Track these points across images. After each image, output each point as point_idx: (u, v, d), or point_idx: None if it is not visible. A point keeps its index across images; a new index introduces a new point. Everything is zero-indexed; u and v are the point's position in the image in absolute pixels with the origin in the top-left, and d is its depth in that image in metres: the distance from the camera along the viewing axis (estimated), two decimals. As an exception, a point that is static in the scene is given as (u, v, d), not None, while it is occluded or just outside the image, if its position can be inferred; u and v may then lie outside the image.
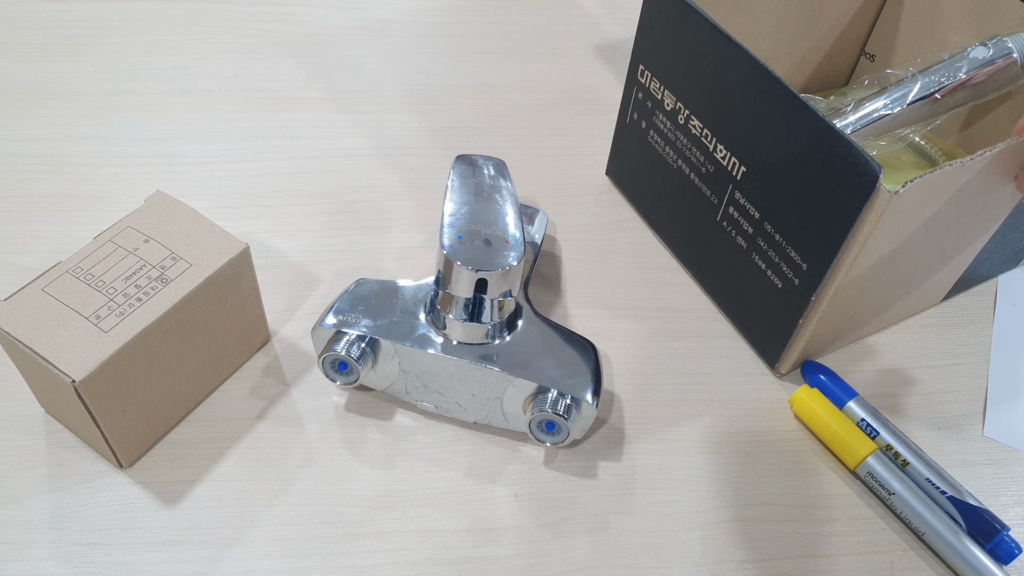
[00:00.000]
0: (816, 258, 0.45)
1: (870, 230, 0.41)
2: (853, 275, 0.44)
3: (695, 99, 0.50)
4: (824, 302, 0.46)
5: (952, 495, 0.45)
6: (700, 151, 0.51)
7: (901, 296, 0.51)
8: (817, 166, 0.42)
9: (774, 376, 0.52)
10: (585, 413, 0.44)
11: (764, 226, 0.47)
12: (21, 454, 0.44)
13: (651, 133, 0.55)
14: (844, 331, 0.51)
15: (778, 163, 0.45)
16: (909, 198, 0.40)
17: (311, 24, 0.74)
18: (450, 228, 0.43)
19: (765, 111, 0.45)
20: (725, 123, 0.48)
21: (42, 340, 0.39)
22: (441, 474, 0.46)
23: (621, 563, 0.43)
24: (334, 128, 0.65)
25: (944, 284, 0.54)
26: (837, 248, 0.43)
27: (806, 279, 0.46)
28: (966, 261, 0.52)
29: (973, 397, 0.52)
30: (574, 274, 0.56)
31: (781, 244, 0.47)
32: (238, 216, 0.57)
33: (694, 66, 0.49)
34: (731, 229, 0.50)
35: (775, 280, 0.48)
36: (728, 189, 0.49)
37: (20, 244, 0.54)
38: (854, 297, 0.47)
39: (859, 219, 0.41)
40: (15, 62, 0.67)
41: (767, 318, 0.50)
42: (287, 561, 0.42)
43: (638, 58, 0.54)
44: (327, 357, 0.45)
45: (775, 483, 0.47)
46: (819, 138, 0.42)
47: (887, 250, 0.44)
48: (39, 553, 0.41)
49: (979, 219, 0.48)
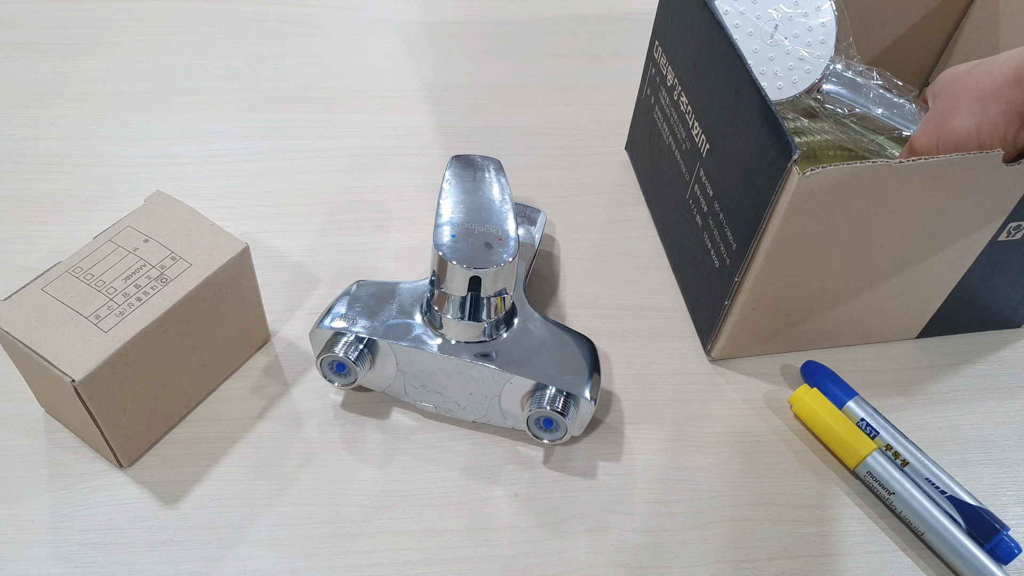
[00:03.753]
0: (743, 238, 0.45)
1: (783, 211, 0.41)
2: (773, 261, 0.44)
3: (686, 75, 0.51)
4: (747, 285, 0.45)
5: (952, 495, 0.45)
6: (683, 127, 0.51)
7: (849, 309, 0.49)
8: (754, 144, 0.43)
9: (707, 360, 0.52)
10: (583, 410, 0.44)
11: (714, 204, 0.48)
12: (21, 454, 0.44)
13: (656, 109, 0.56)
14: (780, 330, 0.50)
15: (731, 141, 0.45)
16: (824, 184, 0.40)
17: (311, 24, 0.74)
18: (444, 227, 0.43)
19: (728, 88, 0.45)
20: (702, 99, 0.48)
21: (42, 340, 0.39)
22: (441, 474, 0.46)
23: (621, 563, 0.43)
24: (334, 128, 0.65)
25: (913, 316, 0.52)
26: (755, 227, 0.43)
27: (734, 259, 0.46)
28: (940, 293, 0.50)
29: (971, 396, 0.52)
30: (574, 274, 0.56)
31: (723, 223, 0.47)
32: (238, 216, 0.57)
33: (690, 43, 0.50)
34: (693, 206, 0.51)
35: (715, 259, 0.48)
36: (696, 166, 0.50)
37: (20, 244, 0.54)
38: (779, 288, 0.46)
39: (772, 199, 0.41)
40: (15, 62, 0.67)
41: (706, 299, 0.50)
42: (287, 561, 0.42)
43: (656, 34, 0.55)
44: (325, 359, 0.45)
45: (775, 483, 0.47)
46: (758, 115, 0.42)
47: (809, 241, 0.43)
48: (39, 553, 0.41)
49: (938, 239, 0.46)
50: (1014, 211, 0.45)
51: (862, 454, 0.46)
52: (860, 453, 0.46)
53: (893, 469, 0.46)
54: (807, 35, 0.50)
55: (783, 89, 0.52)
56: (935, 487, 0.45)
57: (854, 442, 0.46)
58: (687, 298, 0.54)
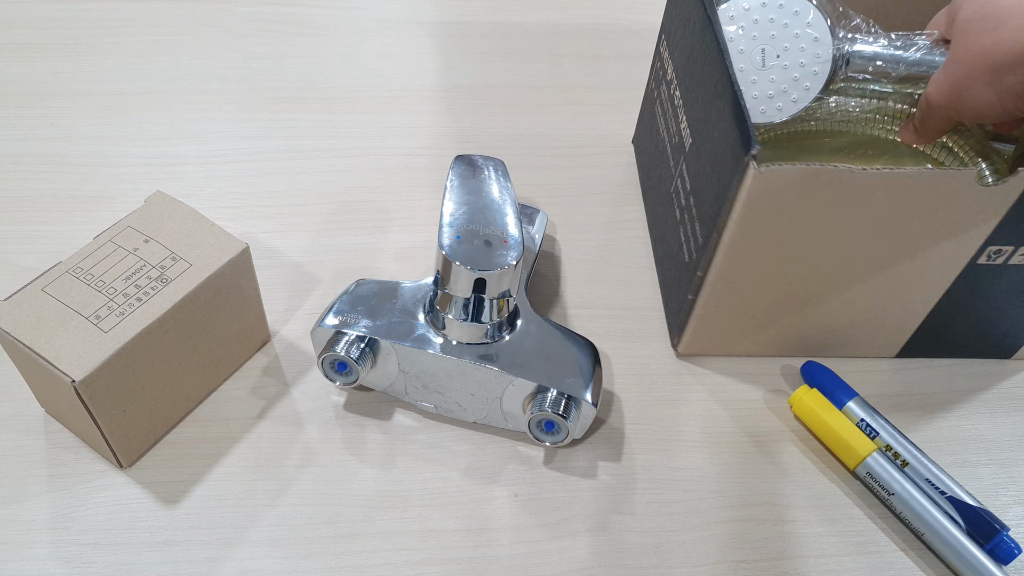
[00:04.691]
0: (706, 232, 0.45)
1: (740, 206, 0.41)
2: (733, 257, 0.44)
3: (681, 69, 0.51)
4: (709, 279, 0.46)
5: (952, 495, 0.45)
6: (674, 121, 0.52)
7: (821, 319, 0.49)
8: (724, 139, 0.43)
9: (674, 354, 0.52)
10: (584, 412, 0.44)
11: (690, 199, 0.48)
12: (21, 454, 0.44)
13: (657, 103, 0.57)
14: (748, 330, 0.50)
15: (707, 135, 0.45)
16: (781, 182, 0.40)
17: (311, 24, 0.74)
18: (449, 228, 0.43)
19: (709, 83, 0.45)
20: (691, 94, 0.49)
21: (42, 340, 0.39)
22: (441, 474, 0.46)
23: (621, 563, 0.43)
24: (334, 128, 0.65)
25: (891, 332, 0.51)
26: (715, 221, 0.43)
27: (698, 253, 0.46)
28: (918, 313, 0.49)
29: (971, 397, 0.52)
30: (574, 274, 0.56)
31: (694, 217, 0.47)
32: (238, 216, 0.57)
33: (687, 38, 0.50)
34: (675, 200, 0.51)
35: (685, 254, 0.48)
36: (680, 160, 0.50)
37: (20, 244, 0.54)
38: (742, 286, 0.46)
39: (731, 194, 0.41)
40: (15, 62, 0.67)
41: (676, 293, 0.51)
42: (287, 561, 0.42)
43: (663, 28, 0.56)
44: (327, 358, 0.45)
45: (775, 483, 0.47)
46: (730, 109, 0.42)
47: (770, 240, 0.43)
48: (39, 553, 0.41)
49: (911, 256, 0.45)
50: (993, 234, 0.44)
51: (862, 455, 0.46)
52: (860, 454, 0.46)
53: (893, 470, 0.46)
54: (799, 68, 0.50)
55: (783, 109, 0.51)
56: (935, 487, 0.45)
57: (854, 443, 0.46)
58: (663, 292, 0.54)
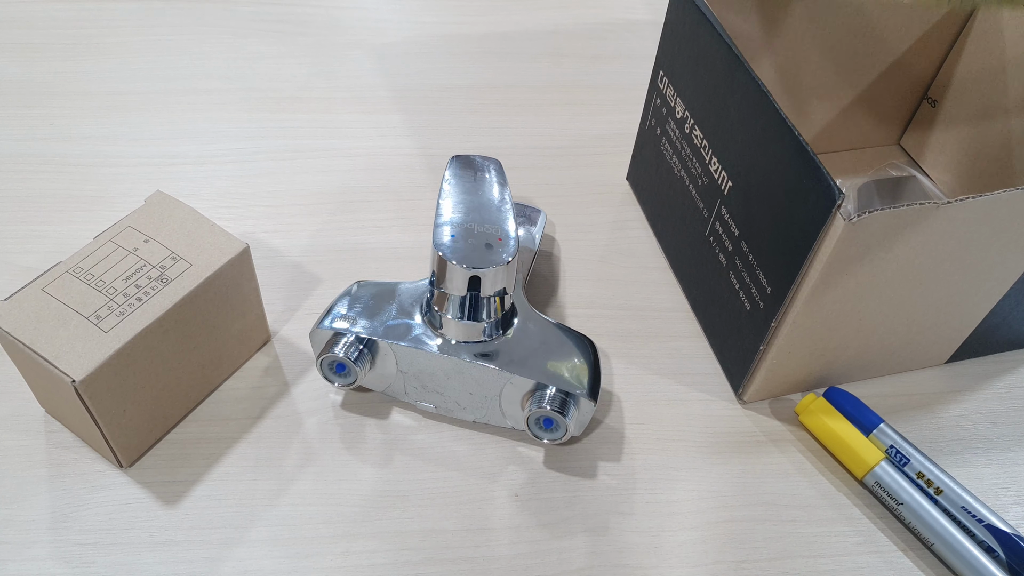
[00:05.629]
0: (779, 283, 0.43)
1: (825, 258, 0.40)
2: (813, 306, 0.43)
3: (700, 108, 0.50)
4: (784, 330, 0.44)
5: (989, 524, 0.44)
6: (699, 162, 0.50)
7: (882, 343, 0.49)
8: (788, 186, 0.42)
9: (739, 403, 0.50)
10: (583, 409, 0.44)
11: (741, 244, 0.47)
12: (21, 454, 0.44)
13: (663, 140, 0.55)
14: (814, 370, 0.49)
15: (758, 180, 0.44)
16: (870, 230, 0.39)
17: (311, 24, 0.74)
18: (444, 226, 0.44)
19: (753, 125, 0.44)
20: (721, 135, 0.47)
21: (42, 340, 0.39)
22: (441, 474, 0.46)
23: (621, 563, 0.43)
24: (334, 128, 0.65)
25: (946, 342, 0.51)
26: (795, 274, 0.42)
27: (769, 304, 0.45)
28: (972, 320, 0.49)
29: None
30: (573, 274, 0.56)
31: (753, 265, 0.46)
32: (238, 216, 0.57)
33: (702, 75, 0.49)
34: (715, 245, 0.50)
35: (745, 302, 0.47)
36: (717, 203, 0.49)
37: (20, 244, 0.54)
38: (817, 331, 0.45)
39: (815, 245, 0.40)
40: (15, 62, 0.67)
41: (735, 341, 0.49)
42: (287, 561, 0.42)
43: (660, 64, 0.54)
44: (325, 359, 0.45)
45: (775, 483, 0.47)
46: (792, 156, 0.41)
47: (851, 285, 0.42)
48: (39, 553, 0.41)
49: (977, 272, 0.44)
50: None
51: (870, 464, 0.45)
52: (868, 463, 0.45)
53: (901, 479, 0.45)
54: None
55: None
56: (971, 515, 0.44)
57: (862, 451, 0.46)
58: (711, 339, 0.53)
